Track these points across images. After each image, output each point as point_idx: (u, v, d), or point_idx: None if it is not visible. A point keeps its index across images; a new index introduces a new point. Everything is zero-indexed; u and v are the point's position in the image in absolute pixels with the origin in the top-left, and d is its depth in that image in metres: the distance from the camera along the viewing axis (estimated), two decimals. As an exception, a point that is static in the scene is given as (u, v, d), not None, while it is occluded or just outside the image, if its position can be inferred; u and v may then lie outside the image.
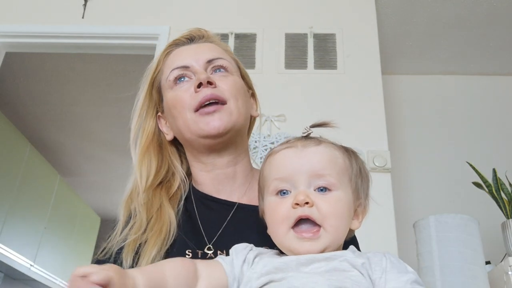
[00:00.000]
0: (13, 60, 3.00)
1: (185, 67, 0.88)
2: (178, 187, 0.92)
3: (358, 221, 0.74)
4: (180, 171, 0.93)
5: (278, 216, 0.69)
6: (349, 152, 0.76)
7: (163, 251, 0.78)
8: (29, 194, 4.03)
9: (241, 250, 0.72)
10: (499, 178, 2.07)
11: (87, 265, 0.55)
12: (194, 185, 0.93)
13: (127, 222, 0.86)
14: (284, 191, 0.70)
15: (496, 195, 2.04)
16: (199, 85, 0.84)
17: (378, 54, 2.49)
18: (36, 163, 4.18)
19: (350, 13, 2.62)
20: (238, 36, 2.52)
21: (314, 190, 0.69)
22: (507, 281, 1.86)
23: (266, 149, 2.18)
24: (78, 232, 5.00)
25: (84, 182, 5.09)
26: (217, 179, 0.91)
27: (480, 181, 2.09)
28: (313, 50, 2.48)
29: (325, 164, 0.71)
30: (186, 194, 0.91)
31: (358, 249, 0.81)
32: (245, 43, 2.50)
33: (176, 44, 0.94)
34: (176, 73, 0.88)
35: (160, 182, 0.92)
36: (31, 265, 4.05)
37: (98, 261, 0.82)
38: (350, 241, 0.75)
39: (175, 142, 0.95)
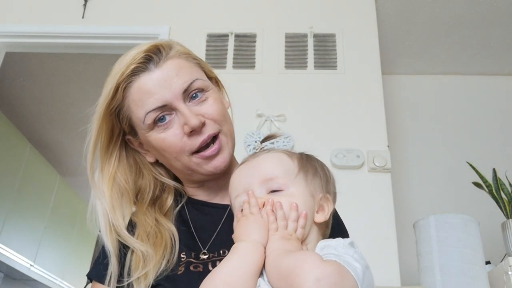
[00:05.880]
0: (13, 60, 2.99)
1: (162, 107, 0.81)
2: (173, 200, 0.91)
3: (324, 214, 0.75)
4: (171, 183, 0.91)
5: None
6: (301, 155, 0.80)
7: (171, 264, 0.79)
8: (29, 194, 4.02)
9: None
10: (499, 178, 2.07)
11: None
12: (186, 192, 0.93)
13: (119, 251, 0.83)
14: None
15: (496, 195, 2.04)
16: (192, 131, 0.81)
17: (378, 54, 2.49)
18: (36, 163, 4.18)
19: (350, 13, 2.62)
20: (238, 36, 2.52)
21: (268, 193, 0.73)
22: (507, 281, 1.85)
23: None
24: (78, 232, 4.99)
25: (84, 182, 5.07)
26: (210, 189, 0.91)
27: (480, 181, 2.09)
28: (313, 50, 2.48)
29: (272, 167, 0.76)
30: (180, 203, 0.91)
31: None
32: (245, 43, 2.50)
33: (134, 73, 0.82)
34: (154, 115, 0.81)
35: (150, 200, 0.90)
36: (31, 265, 4.05)
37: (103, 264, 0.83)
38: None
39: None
